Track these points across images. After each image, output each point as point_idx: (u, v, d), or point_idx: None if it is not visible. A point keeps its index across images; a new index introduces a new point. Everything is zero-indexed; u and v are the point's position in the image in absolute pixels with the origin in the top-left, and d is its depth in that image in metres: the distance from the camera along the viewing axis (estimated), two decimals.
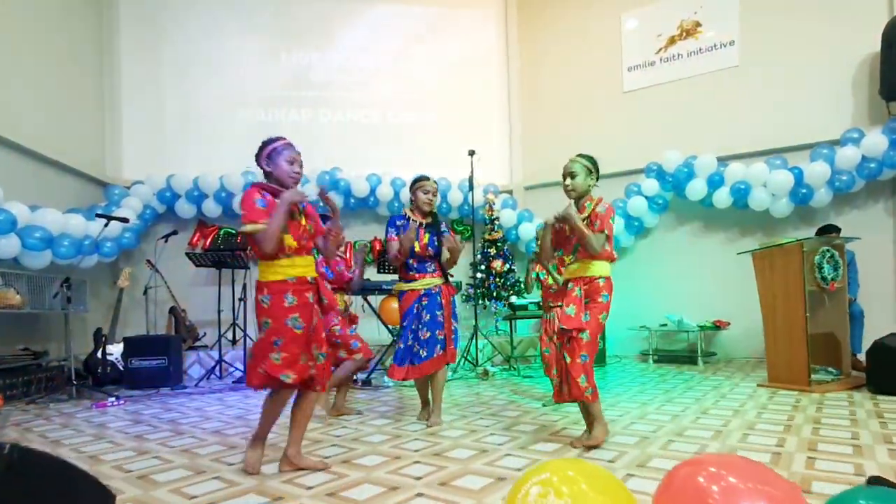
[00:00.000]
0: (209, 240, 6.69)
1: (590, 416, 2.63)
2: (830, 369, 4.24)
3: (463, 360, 5.47)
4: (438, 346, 3.12)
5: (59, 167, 5.62)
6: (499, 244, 6.62)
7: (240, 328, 5.77)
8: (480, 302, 6.42)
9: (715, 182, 5.70)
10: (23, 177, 5.03)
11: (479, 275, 6.48)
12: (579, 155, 2.65)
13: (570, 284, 2.61)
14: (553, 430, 2.99)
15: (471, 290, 6.45)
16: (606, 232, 2.54)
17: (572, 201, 2.65)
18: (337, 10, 7.26)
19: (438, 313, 3.17)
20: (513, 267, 6.61)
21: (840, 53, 5.43)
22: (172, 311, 6.01)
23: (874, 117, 5.26)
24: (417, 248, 3.15)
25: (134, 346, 4.99)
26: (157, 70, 6.81)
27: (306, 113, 7.14)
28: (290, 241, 2.26)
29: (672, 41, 6.37)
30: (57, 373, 4.86)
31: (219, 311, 5.52)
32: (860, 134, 5.10)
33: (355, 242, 6.37)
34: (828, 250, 4.13)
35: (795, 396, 3.76)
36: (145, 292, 5.68)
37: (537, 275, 4.14)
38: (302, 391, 2.36)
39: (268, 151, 2.32)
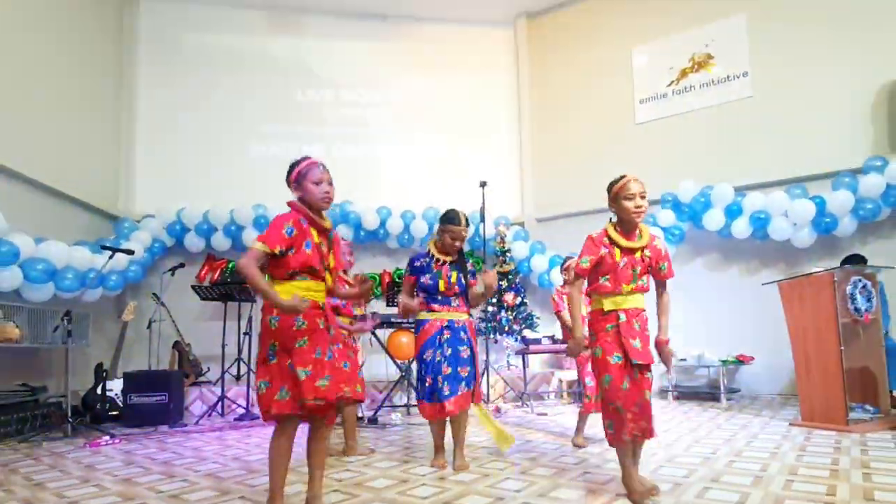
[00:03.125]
0: (217, 273, 6.59)
1: (635, 458, 2.39)
2: (868, 407, 3.95)
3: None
4: (463, 384, 2.89)
5: (71, 200, 5.62)
6: (510, 277, 6.46)
7: (244, 363, 5.59)
8: (492, 336, 6.21)
9: (733, 212, 5.54)
10: (32, 209, 5.02)
11: (490, 308, 6.29)
12: None
13: (622, 316, 2.34)
14: (571, 473, 2.75)
15: (482, 325, 6.24)
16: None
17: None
18: (348, 48, 7.38)
19: (461, 349, 2.96)
20: (525, 300, 6.42)
21: (857, 80, 5.33)
22: (176, 345, 5.85)
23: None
24: (442, 287, 3.01)
25: (133, 382, 4.83)
26: (173, 105, 6.91)
27: (319, 148, 7.15)
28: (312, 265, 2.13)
29: (684, 73, 6.34)
30: (54, 409, 4.69)
31: (223, 346, 5.36)
32: (883, 161, 4.95)
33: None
34: (860, 280, 3.91)
35: (834, 437, 3.48)
36: (149, 326, 5.55)
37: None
38: (313, 423, 2.18)
39: (294, 176, 2.19)
